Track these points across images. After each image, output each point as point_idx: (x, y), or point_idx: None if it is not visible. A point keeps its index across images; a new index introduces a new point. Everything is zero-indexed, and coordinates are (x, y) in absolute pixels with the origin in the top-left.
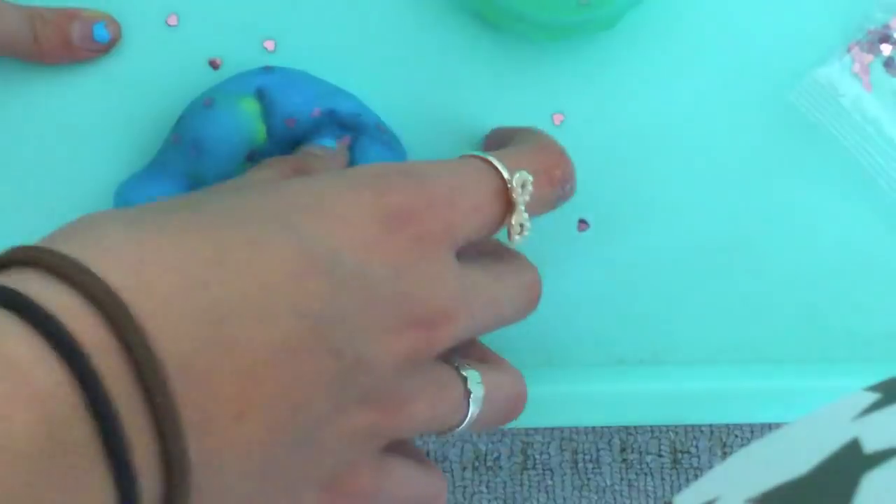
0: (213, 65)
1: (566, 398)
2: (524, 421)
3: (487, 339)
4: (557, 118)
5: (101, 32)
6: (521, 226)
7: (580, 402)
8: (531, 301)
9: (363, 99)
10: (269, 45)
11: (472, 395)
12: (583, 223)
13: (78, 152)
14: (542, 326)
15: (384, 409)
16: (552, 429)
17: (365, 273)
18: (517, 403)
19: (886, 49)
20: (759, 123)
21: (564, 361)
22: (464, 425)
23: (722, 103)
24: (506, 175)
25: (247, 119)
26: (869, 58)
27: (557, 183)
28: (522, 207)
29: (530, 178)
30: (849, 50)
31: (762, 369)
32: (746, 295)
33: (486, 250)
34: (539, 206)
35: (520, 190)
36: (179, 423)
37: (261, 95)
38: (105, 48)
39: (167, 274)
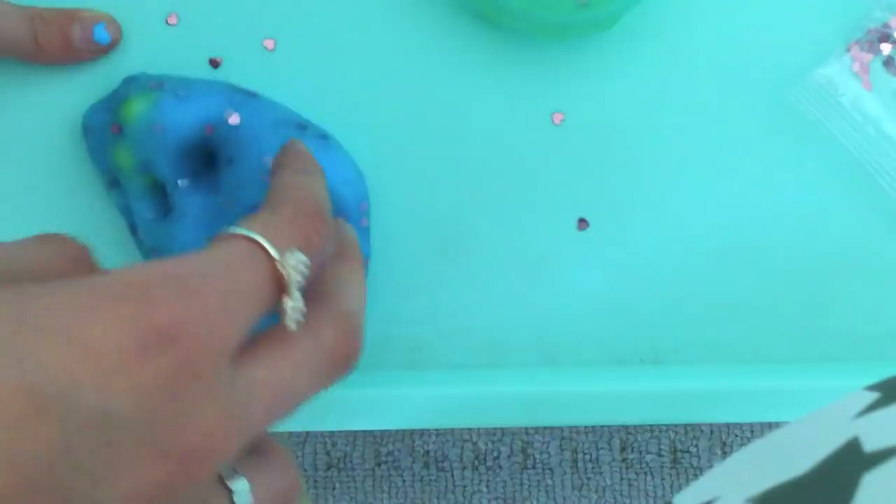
0: (214, 64)
1: (566, 398)
2: (524, 421)
3: (488, 339)
4: (557, 118)
5: (102, 34)
6: (295, 309)
7: (580, 402)
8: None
9: (363, 99)
10: (269, 44)
11: None
12: (583, 223)
13: (78, 152)
14: (542, 326)
15: None
16: (552, 429)
17: (108, 413)
18: (288, 497)
19: (886, 48)
20: (759, 123)
21: (565, 361)
22: None
23: (722, 103)
24: (276, 256)
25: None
26: (868, 57)
27: (317, 254)
28: (298, 293)
29: (304, 258)
30: (848, 49)
31: (762, 369)
32: (746, 295)
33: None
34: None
35: (294, 274)
36: None
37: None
38: (105, 49)
39: None
